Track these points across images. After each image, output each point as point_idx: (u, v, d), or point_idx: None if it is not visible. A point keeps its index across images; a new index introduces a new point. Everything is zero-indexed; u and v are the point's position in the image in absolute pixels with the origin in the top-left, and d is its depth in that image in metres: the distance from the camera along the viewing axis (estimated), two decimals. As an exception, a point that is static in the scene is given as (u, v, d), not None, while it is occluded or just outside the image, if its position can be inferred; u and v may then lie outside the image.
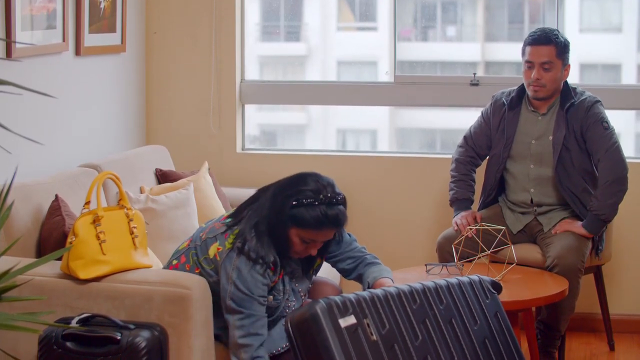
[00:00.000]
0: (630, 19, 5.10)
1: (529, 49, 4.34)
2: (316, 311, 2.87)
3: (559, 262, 4.10)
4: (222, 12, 5.15)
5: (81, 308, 3.27)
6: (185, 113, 5.23)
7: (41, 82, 4.11)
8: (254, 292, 3.22)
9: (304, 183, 3.24)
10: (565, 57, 4.33)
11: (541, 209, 4.38)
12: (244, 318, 3.22)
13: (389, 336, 2.93)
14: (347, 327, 2.89)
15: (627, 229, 4.87)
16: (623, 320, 4.90)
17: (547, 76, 4.30)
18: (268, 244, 3.25)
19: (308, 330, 2.87)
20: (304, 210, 3.20)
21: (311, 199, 3.20)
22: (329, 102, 5.27)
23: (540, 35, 4.32)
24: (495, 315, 3.17)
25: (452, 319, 3.07)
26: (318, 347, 2.85)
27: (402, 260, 4.92)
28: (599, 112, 4.32)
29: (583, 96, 4.36)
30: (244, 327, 3.22)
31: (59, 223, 3.55)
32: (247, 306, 3.22)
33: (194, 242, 3.41)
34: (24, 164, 3.80)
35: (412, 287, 3.08)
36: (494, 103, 4.50)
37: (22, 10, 3.91)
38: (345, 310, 2.92)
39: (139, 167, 4.48)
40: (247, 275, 3.22)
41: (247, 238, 3.25)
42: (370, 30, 5.50)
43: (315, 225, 3.21)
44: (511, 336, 3.16)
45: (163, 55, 5.20)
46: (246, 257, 3.23)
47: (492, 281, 3.25)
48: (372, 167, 5.12)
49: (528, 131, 4.39)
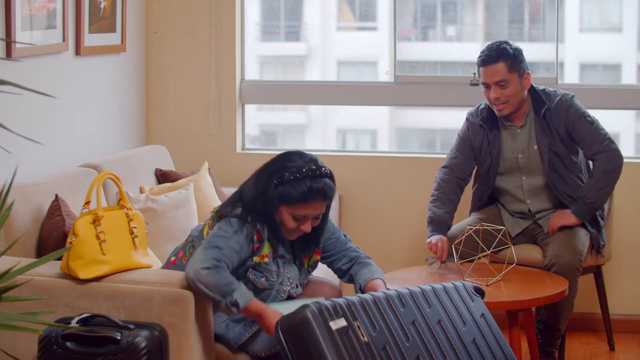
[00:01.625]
0: (630, 18, 5.10)
1: (481, 70, 4.27)
2: (306, 314, 2.90)
3: (556, 260, 4.11)
4: (222, 12, 5.15)
5: (81, 308, 3.27)
6: (185, 113, 5.23)
7: (41, 82, 4.11)
8: (232, 238, 3.22)
9: (288, 160, 3.28)
10: (520, 67, 4.25)
11: (540, 215, 4.38)
12: (209, 246, 3.20)
13: (380, 337, 2.96)
14: (338, 330, 2.91)
15: (627, 229, 4.87)
16: (623, 320, 4.90)
17: (505, 92, 4.23)
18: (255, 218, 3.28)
19: (299, 334, 2.90)
20: (289, 186, 3.24)
21: (295, 174, 3.24)
22: (329, 102, 5.27)
23: (489, 55, 4.24)
24: (481, 317, 3.21)
25: (440, 320, 3.12)
26: (310, 350, 2.87)
27: (401, 260, 4.93)
28: (579, 108, 4.28)
29: (557, 96, 4.30)
30: (204, 254, 3.17)
31: (59, 223, 3.55)
32: (217, 241, 3.21)
33: (191, 236, 3.45)
34: (24, 164, 3.81)
35: (399, 292, 3.13)
36: (471, 126, 4.42)
37: (22, 10, 3.91)
38: (336, 314, 2.95)
39: (139, 167, 4.48)
40: (231, 226, 3.24)
41: (233, 207, 3.30)
42: (370, 30, 5.50)
43: (303, 198, 3.23)
44: (499, 336, 3.20)
45: (163, 55, 5.20)
46: (232, 217, 3.27)
47: (475, 286, 3.31)
48: (372, 167, 5.12)
49: (512, 146, 4.34)
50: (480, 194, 4.46)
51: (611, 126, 5.06)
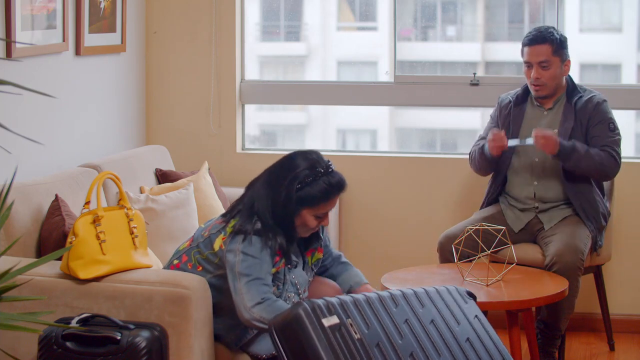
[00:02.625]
0: (630, 18, 5.10)
1: (526, 49, 4.39)
2: (298, 312, 2.92)
3: (557, 260, 4.11)
4: (222, 12, 5.14)
5: (81, 308, 3.27)
6: (185, 113, 5.23)
7: (41, 82, 4.11)
8: (262, 259, 3.23)
9: (296, 165, 3.29)
10: (563, 53, 4.38)
11: (543, 206, 4.38)
12: (253, 280, 3.21)
13: (373, 335, 2.98)
14: (331, 326, 2.93)
15: (627, 229, 4.87)
16: (623, 320, 4.90)
17: (546, 74, 4.35)
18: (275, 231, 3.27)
19: (292, 332, 2.91)
20: (309, 189, 3.26)
21: (311, 176, 3.27)
22: (329, 102, 5.27)
23: (536, 35, 4.38)
24: (475, 318, 3.22)
25: (433, 320, 3.13)
26: (304, 347, 2.88)
27: (402, 260, 4.92)
28: (608, 112, 4.40)
29: (592, 93, 4.43)
30: (251, 291, 3.19)
31: (59, 223, 3.55)
32: (256, 270, 3.22)
33: (196, 240, 3.41)
34: (24, 164, 3.81)
35: (391, 293, 3.14)
36: (500, 103, 4.54)
37: (22, 10, 3.91)
38: (329, 312, 2.96)
39: (139, 167, 4.48)
40: (255, 242, 3.23)
41: (251, 222, 3.27)
42: (370, 30, 5.50)
43: (325, 197, 3.28)
44: (494, 335, 3.20)
45: (163, 55, 5.20)
46: (253, 234, 3.24)
47: (467, 290, 3.32)
48: (372, 167, 5.12)
49: (533, 125, 4.41)
50: (498, 174, 4.48)
51: (611, 126, 5.06)
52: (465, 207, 4.90)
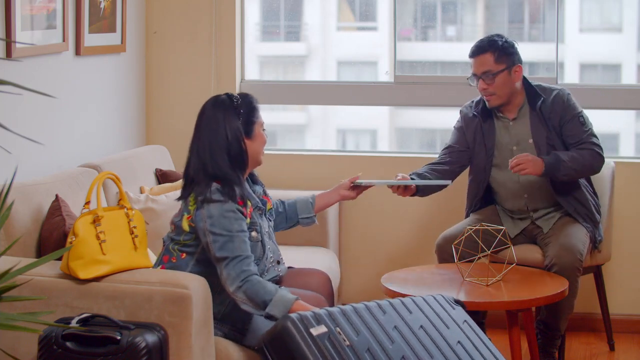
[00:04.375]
0: (630, 19, 5.10)
1: (471, 62, 4.31)
2: (286, 324, 2.94)
3: (557, 261, 4.10)
4: (222, 12, 5.15)
5: (81, 308, 3.27)
6: (186, 113, 5.22)
7: (41, 82, 4.11)
8: (231, 229, 3.28)
9: (219, 107, 3.43)
10: (509, 59, 4.25)
11: (538, 214, 4.37)
12: (229, 262, 3.26)
13: (363, 341, 2.99)
14: (319, 335, 2.95)
15: (627, 229, 4.87)
16: (623, 320, 4.90)
17: (493, 84, 4.25)
18: (226, 181, 3.33)
19: (282, 344, 2.93)
20: (245, 109, 3.46)
21: (236, 102, 3.46)
22: (329, 102, 5.27)
23: (477, 46, 4.29)
24: (464, 322, 3.23)
25: (422, 325, 3.14)
26: (294, 356, 2.89)
27: (402, 260, 4.92)
28: (575, 107, 4.28)
29: (554, 91, 4.30)
30: (230, 274, 3.25)
31: (59, 223, 3.55)
32: (229, 247, 3.27)
33: (166, 241, 3.47)
34: (24, 164, 3.80)
35: (377, 303, 3.16)
36: (464, 117, 4.45)
37: (22, 10, 3.91)
38: (316, 322, 2.98)
39: (139, 167, 4.48)
40: (219, 217, 3.28)
41: (204, 189, 3.32)
42: (370, 30, 5.50)
43: (257, 106, 3.52)
44: (484, 338, 3.21)
45: (163, 55, 5.20)
46: (211, 202, 3.29)
47: (454, 298, 3.34)
48: (372, 167, 5.12)
49: (505, 139, 4.35)
50: (476, 189, 4.43)
51: (611, 126, 5.07)
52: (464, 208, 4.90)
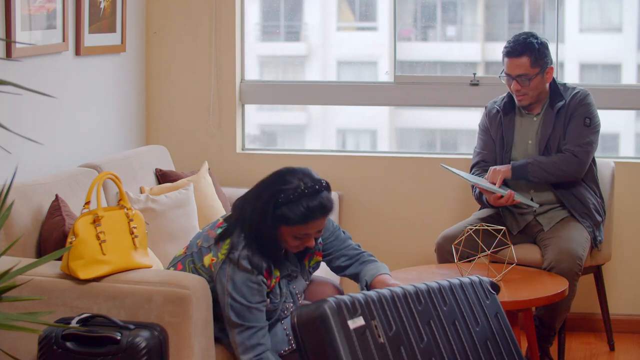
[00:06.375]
0: (630, 18, 5.10)
1: (505, 60, 4.33)
2: (325, 311, 2.84)
3: (556, 265, 4.10)
4: (222, 12, 5.15)
5: (81, 308, 3.27)
6: (185, 113, 5.23)
7: (41, 82, 4.11)
8: (251, 300, 3.21)
9: (283, 182, 3.19)
10: (543, 62, 4.29)
11: (541, 208, 4.38)
12: (244, 331, 3.21)
13: (396, 338, 2.92)
14: (356, 329, 2.86)
15: (627, 229, 4.87)
16: (623, 320, 4.90)
17: (527, 86, 4.29)
18: (259, 251, 3.22)
19: (316, 330, 2.84)
20: (286, 208, 3.15)
21: (292, 195, 3.15)
22: (329, 102, 5.27)
23: (514, 47, 4.29)
24: (495, 316, 3.17)
25: (455, 320, 3.08)
26: (326, 348, 2.82)
27: (402, 260, 4.92)
28: (588, 108, 4.32)
29: (574, 91, 4.36)
30: (244, 343, 3.21)
31: (59, 223, 3.55)
32: (246, 317, 3.21)
33: (190, 249, 3.40)
34: (24, 164, 3.81)
35: (417, 288, 3.07)
36: (488, 114, 4.49)
37: (22, 10, 3.91)
38: (354, 311, 2.89)
39: (139, 167, 4.48)
40: (241, 285, 3.21)
41: (238, 248, 3.23)
42: (370, 30, 5.50)
43: (302, 220, 3.16)
44: (511, 337, 3.17)
45: (163, 55, 5.20)
46: (238, 267, 3.21)
47: (491, 282, 3.26)
48: (372, 167, 5.12)
49: (525, 133, 4.39)
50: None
51: (611, 126, 5.07)
52: (465, 208, 4.90)
